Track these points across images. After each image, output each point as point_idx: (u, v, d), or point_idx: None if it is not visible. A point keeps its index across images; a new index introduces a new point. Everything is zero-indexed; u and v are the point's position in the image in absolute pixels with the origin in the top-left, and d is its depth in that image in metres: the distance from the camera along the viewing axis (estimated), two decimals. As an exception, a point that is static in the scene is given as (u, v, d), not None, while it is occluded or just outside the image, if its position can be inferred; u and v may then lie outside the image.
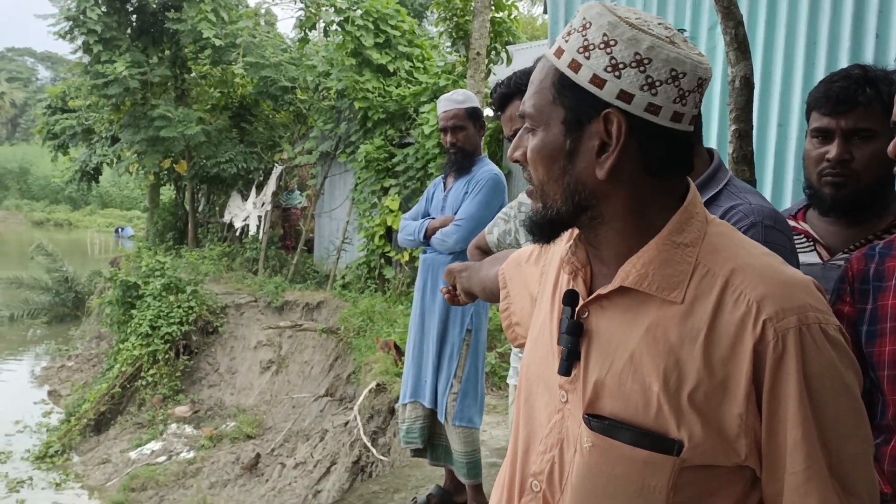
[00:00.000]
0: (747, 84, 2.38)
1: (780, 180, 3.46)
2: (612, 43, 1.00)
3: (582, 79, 1.01)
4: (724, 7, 2.49)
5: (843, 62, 3.22)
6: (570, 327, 1.09)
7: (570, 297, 1.12)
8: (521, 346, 1.47)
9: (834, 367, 0.97)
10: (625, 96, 0.99)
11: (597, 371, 1.06)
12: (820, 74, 3.23)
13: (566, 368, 1.09)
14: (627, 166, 1.03)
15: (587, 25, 1.02)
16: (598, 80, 1.00)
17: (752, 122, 2.46)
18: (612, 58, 0.99)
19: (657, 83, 0.99)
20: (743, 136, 2.35)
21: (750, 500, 1.04)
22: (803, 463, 0.96)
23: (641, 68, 0.99)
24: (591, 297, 1.10)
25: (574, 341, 1.09)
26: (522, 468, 1.18)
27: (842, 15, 3.33)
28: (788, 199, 3.32)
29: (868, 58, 3.19)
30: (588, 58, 1.01)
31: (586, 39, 1.01)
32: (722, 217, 1.50)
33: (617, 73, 0.99)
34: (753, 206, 1.53)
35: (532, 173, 1.10)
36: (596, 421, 1.04)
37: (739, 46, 2.40)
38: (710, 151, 1.70)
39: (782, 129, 3.48)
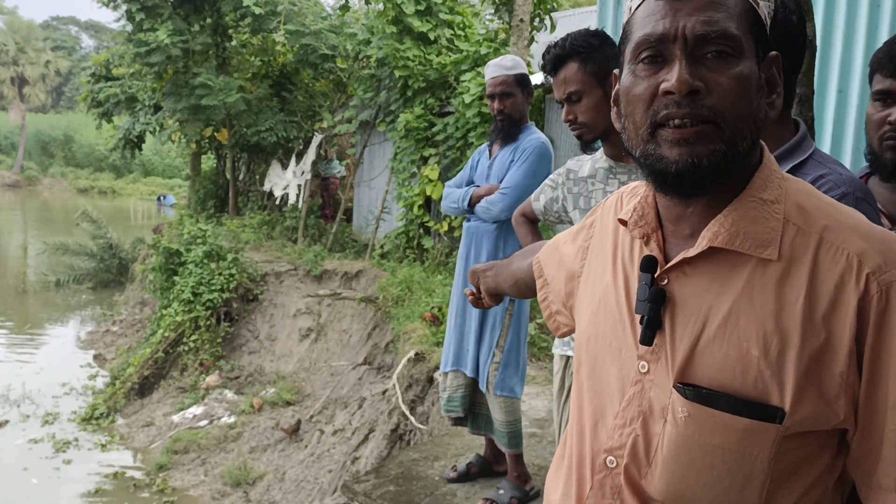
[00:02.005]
0: (809, 46, 2.28)
1: (839, 148, 3.34)
2: None
3: (762, 15, 1.03)
4: (787, -34, 2.38)
5: (909, 25, 3.09)
6: (652, 295, 1.03)
7: (649, 264, 1.06)
8: (566, 334, 1.42)
9: None
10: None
11: (686, 339, 1.01)
12: (883, 38, 3.10)
13: (649, 337, 1.03)
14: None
15: None
16: (765, 21, 1.03)
17: (814, 87, 2.36)
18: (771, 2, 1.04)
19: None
20: (804, 101, 2.25)
21: (837, 465, 1.02)
22: None
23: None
24: (674, 262, 1.04)
25: (656, 309, 1.03)
26: (592, 445, 1.11)
27: (907, -24, 3.18)
28: (848, 167, 3.21)
29: (935, 21, 3.05)
30: None
31: None
32: (812, 183, 1.44)
33: (770, 16, 1.04)
34: (844, 176, 1.49)
35: (725, 104, 0.97)
36: (690, 390, 0.99)
37: (802, 6, 2.29)
38: (795, 122, 1.65)
39: (842, 96, 3.35)
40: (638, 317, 1.06)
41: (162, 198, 33.07)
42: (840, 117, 3.34)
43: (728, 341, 0.98)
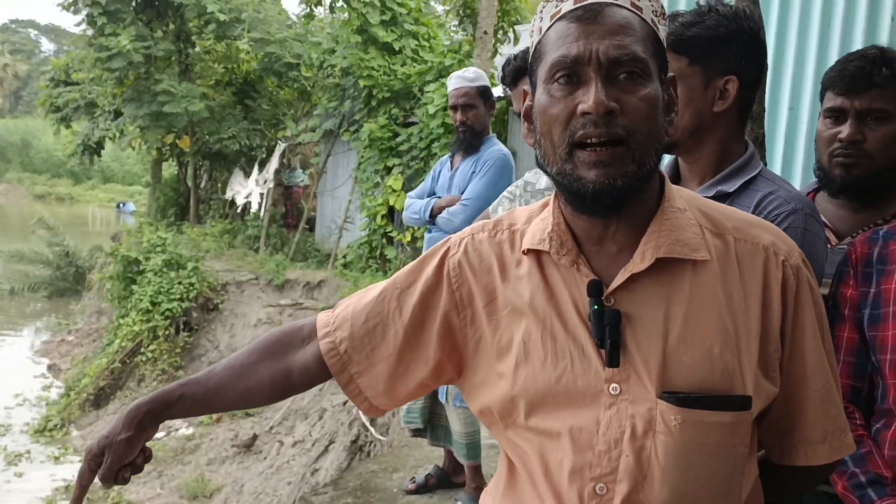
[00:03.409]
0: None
1: (790, 164, 3.42)
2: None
3: (662, 38, 1.10)
4: (739, -14, 2.44)
5: (858, 44, 3.17)
6: (609, 317, 1.04)
7: (596, 287, 1.06)
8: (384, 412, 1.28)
9: (819, 293, 1.13)
10: None
11: (654, 351, 1.04)
12: (833, 57, 3.18)
13: (616, 359, 1.04)
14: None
15: None
16: (664, 43, 1.11)
17: (764, 105, 2.41)
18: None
19: None
20: (755, 118, 2.30)
21: (755, 440, 1.12)
22: (822, 379, 1.11)
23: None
24: (623, 280, 1.06)
25: (616, 330, 1.04)
26: (572, 481, 1.07)
27: (857, -3, 3.28)
28: (798, 183, 3.28)
29: (883, 40, 3.13)
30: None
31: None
32: (761, 200, 1.53)
33: (665, 39, 1.12)
34: (792, 193, 1.56)
35: (637, 124, 1.02)
36: (676, 397, 1.02)
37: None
38: (745, 142, 1.71)
39: (793, 113, 3.43)
40: (592, 342, 1.06)
41: (121, 205, 32.61)
42: (791, 134, 3.42)
43: (692, 344, 1.03)
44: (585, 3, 1.04)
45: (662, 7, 1.11)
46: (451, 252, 1.19)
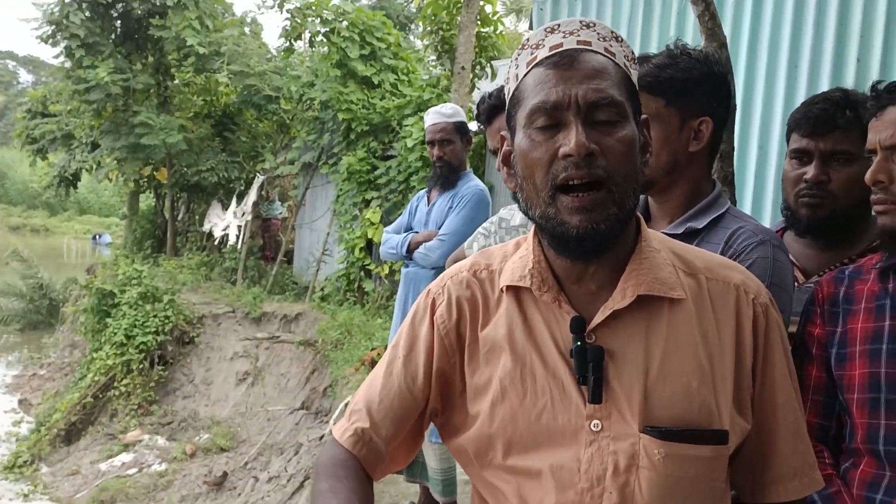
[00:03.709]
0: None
1: (760, 202, 3.48)
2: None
3: (634, 81, 1.13)
4: (708, 28, 2.50)
5: (824, 86, 3.25)
6: (592, 354, 1.06)
7: (579, 324, 1.08)
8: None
9: (785, 330, 1.17)
10: None
11: (636, 386, 1.06)
12: (801, 97, 3.26)
13: (599, 395, 1.05)
14: None
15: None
16: (636, 86, 1.14)
17: (734, 143, 2.46)
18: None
19: None
20: (724, 156, 2.35)
21: (729, 478, 1.13)
22: (792, 415, 1.13)
23: None
24: (605, 317, 1.08)
25: (599, 366, 1.06)
26: None
27: (824, 39, 3.36)
28: (768, 220, 3.33)
29: (849, 82, 3.21)
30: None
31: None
32: (732, 234, 1.58)
33: (637, 83, 1.17)
34: (760, 227, 1.62)
35: (616, 166, 1.05)
36: (658, 431, 1.04)
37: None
38: (713, 182, 1.76)
39: (763, 151, 3.50)
40: (573, 379, 1.07)
41: (97, 236, 32.30)
42: (761, 172, 3.48)
43: (671, 379, 1.05)
44: (561, 49, 1.07)
45: (633, 52, 1.14)
46: (438, 303, 1.21)
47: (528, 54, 1.11)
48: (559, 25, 1.11)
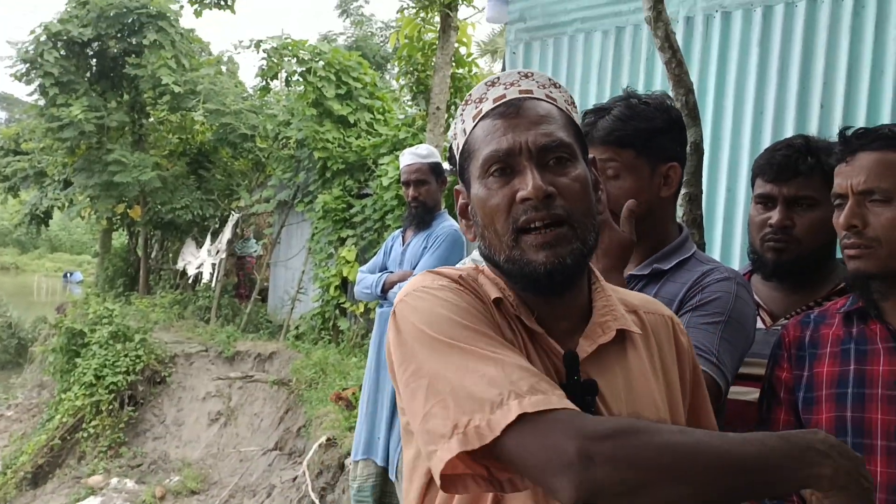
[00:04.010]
0: (697, 149, 2.45)
1: (729, 244, 3.54)
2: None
3: (577, 123, 1.18)
4: (676, 75, 2.57)
5: (789, 130, 3.34)
6: (587, 387, 1.09)
7: (572, 359, 1.10)
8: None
9: None
10: None
11: (622, 415, 1.10)
12: (767, 142, 3.34)
13: None
14: None
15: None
16: (581, 128, 1.22)
17: (702, 187, 2.51)
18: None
19: None
20: (693, 199, 2.41)
21: None
22: (713, 425, 1.28)
23: None
24: (593, 350, 1.12)
25: (593, 400, 1.08)
26: None
27: (788, 85, 3.46)
28: (736, 262, 3.38)
29: (813, 127, 3.30)
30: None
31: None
32: (703, 274, 1.65)
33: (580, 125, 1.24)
34: (727, 267, 1.72)
35: (574, 204, 1.11)
36: None
37: (690, 113, 2.47)
38: (680, 226, 1.82)
39: (731, 194, 3.57)
40: None
41: (69, 274, 31.87)
42: (729, 214, 3.55)
43: (645, 410, 1.11)
44: (505, 100, 1.11)
45: (571, 97, 1.20)
46: None
47: (472, 108, 1.15)
48: (498, 79, 1.15)
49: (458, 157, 1.19)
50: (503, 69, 5.29)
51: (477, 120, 1.13)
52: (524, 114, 1.09)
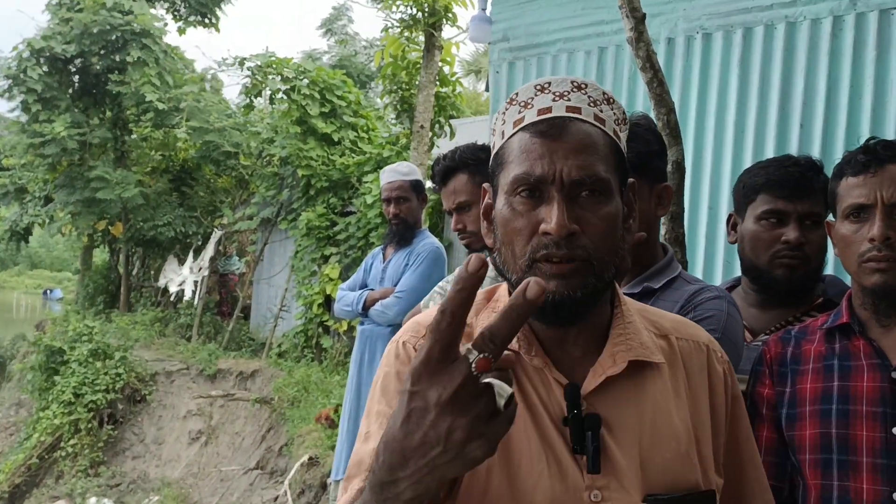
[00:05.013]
0: (679, 168, 2.46)
1: (712, 262, 3.56)
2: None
3: (622, 147, 1.10)
4: (657, 94, 2.59)
5: (770, 149, 3.37)
6: (591, 422, 1.02)
7: (574, 392, 1.04)
8: None
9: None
10: None
11: (633, 454, 1.02)
12: (748, 160, 3.37)
13: (597, 465, 1.00)
14: None
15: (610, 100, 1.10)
16: (624, 151, 1.11)
17: (684, 205, 2.53)
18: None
19: None
20: (675, 218, 2.42)
21: None
22: (757, 469, 1.18)
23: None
24: (599, 383, 1.05)
25: (597, 435, 1.01)
26: None
27: (768, 105, 3.50)
28: (719, 279, 3.40)
29: (793, 146, 3.34)
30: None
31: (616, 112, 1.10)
32: (695, 293, 1.66)
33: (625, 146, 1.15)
34: (716, 286, 1.73)
35: (597, 243, 1.03)
36: (656, 499, 1.01)
37: (671, 132, 2.49)
38: (664, 246, 1.83)
39: (713, 212, 3.60)
40: (567, 447, 1.03)
41: (48, 291, 31.56)
42: (711, 232, 3.58)
43: (662, 445, 1.03)
44: (549, 116, 1.04)
45: (624, 113, 1.11)
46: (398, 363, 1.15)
47: (515, 112, 1.08)
48: (549, 84, 1.07)
49: (491, 156, 1.13)
50: (486, 89, 5.31)
51: (517, 128, 1.07)
52: (566, 139, 1.03)
